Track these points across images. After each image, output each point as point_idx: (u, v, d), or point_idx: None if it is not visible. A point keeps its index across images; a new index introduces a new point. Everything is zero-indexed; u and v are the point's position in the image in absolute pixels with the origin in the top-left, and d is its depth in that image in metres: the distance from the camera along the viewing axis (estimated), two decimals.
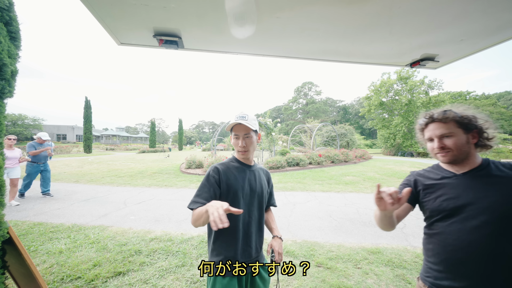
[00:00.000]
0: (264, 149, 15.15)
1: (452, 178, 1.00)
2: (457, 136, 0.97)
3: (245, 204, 1.25)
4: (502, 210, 0.87)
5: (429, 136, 1.04)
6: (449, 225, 0.97)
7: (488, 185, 0.93)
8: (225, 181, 1.22)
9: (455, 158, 0.98)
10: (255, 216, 1.30)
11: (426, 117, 1.06)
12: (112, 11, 1.24)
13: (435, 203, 1.01)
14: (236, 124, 1.24)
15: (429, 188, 1.06)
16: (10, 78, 1.43)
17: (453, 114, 0.98)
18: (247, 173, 1.30)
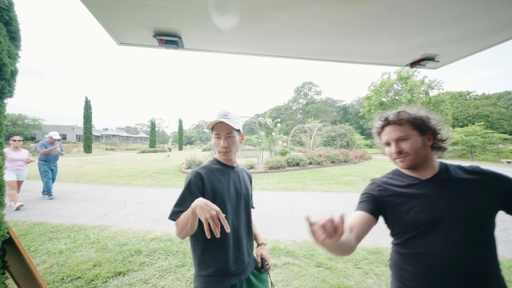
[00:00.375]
0: (264, 149, 15.14)
1: (420, 185, 0.92)
2: (413, 138, 0.92)
3: (232, 208, 1.17)
4: (477, 218, 0.82)
5: (386, 140, 0.97)
6: (430, 242, 0.85)
7: (456, 191, 0.87)
8: (209, 187, 1.12)
9: (413, 163, 0.92)
10: (244, 220, 1.24)
11: (381, 119, 0.99)
12: (112, 11, 1.24)
13: (410, 216, 0.89)
14: (218, 122, 1.17)
15: (398, 198, 0.94)
16: (10, 78, 1.43)
17: (407, 115, 0.93)
18: (231, 175, 1.23)
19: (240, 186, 1.24)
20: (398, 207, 0.93)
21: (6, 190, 1.50)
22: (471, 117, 39.88)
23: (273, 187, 7.43)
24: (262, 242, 1.41)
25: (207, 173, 1.15)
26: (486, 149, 22.84)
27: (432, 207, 0.86)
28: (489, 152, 23.13)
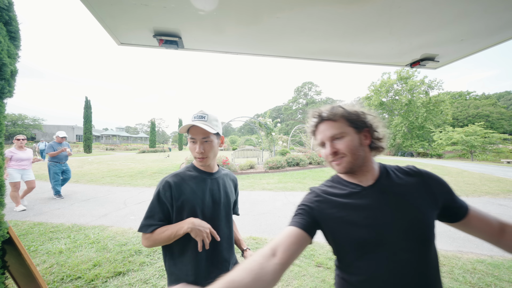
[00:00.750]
0: (264, 149, 15.14)
1: (362, 194, 0.79)
2: (349, 136, 0.79)
3: (207, 219, 1.07)
4: (423, 228, 0.73)
5: (321, 139, 0.84)
6: (379, 264, 0.72)
7: (400, 200, 0.76)
8: (178, 197, 1.03)
9: (351, 166, 0.79)
10: (223, 231, 1.12)
11: (314, 116, 0.86)
12: (112, 11, 1.24)
13: (352, 233, 0.75)
14: (193, 125, 1.06)
15: (339, 210, 0.79)
16: (9, 78, 1.43)
17: (341, 110, 0.81)
18: (208, 183, 1.12)
19: (219, 194, 1.14)
20: (338, 221, 0.78)
21: (6, 190, 1.50)
22: (471, 117, 39.89)
23: (273, 187, 7.43)
24: (247, 248, 1.31)
25: (178, 182, 1.06)
26: (486, 149, 22.85)
27: (377, 220, 0.74)
28: (489, 152, 23.14)
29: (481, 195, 6.35)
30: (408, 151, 27.32)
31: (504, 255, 3.01)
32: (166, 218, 1.04)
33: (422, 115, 26.75)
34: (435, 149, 26.16)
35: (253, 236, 3.66)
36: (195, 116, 1.09)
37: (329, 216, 0.80)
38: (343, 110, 0.81)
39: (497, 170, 11.66)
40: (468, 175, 9.81)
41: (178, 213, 1.04)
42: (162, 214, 1.03)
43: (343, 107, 0.82)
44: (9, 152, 4.78)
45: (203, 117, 1.09)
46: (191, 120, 1.08)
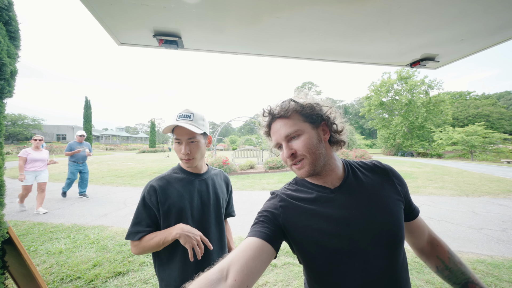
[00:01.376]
0: (264, 149, 15.14)
1: (330, 197, 0.71)
2: (306, 133, 0.69)
3: (197, 222, 1.05)
4: (393, 229, 0.67)
5: (276, 140, 0.73)
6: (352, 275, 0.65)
7: (370, 201, 0.70)
8: (164, 201, 1.00)
9: (313, 167, 0.69)
10: (214, 234, 1.09)
11: (265, 114, 0.76)
12: (111, 11, 1.24)
13: (323, 242, 0.66)
14: (176, 126, 1.01)
15: (306, 217, 0.69)
16: (9, 78, 1.43)
17: (293, 104, 0.71)
18: (196, 184, 1.09)
19: (208, 196, 1.10)
20: (306, 229, 0.68)
21: (5, 190, 1.50)
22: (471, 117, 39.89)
23: (273, 187, 7.43)
24: None
25: (163, 186, 1.02)
26: (486, 149, 22.85)
27: (348, 226, 0.66)
28: (489, 152, 23.14)
29: (481, 195, 6.35)
30: (408, 151, 27.32)
31: (504, 255, 3.01)
32: (153, 224, 1.00)
33: (422, 115, 26.77)
34: (435, 149, 26.17)
35: None
36: (180, 115, 1.04)
37: (296, 224, 0.69)
38: (295, 103, 0.71)
39: (497, 170, 11.67)
40: (468, 175, 9.81)
41: (165, 218, 1.00)
42: (149, 219, 1.00)
43: (295, 100, 0.72)
44: (24, 152, 4.65)
45: (188, 116, 1.03)
46: (176, 119, 1.03)
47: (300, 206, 0.72)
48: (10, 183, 7.78)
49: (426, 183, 7.96)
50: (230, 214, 1.31)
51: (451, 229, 3.78)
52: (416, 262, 2.82)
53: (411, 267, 2.70)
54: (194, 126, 1.02)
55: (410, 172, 10.88)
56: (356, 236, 0.66)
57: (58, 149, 25.18)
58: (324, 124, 0.73)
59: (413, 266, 2.73)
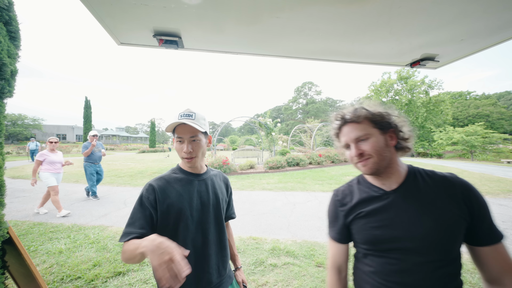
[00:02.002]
0: (264, 149, 15.14)
1: (382, 198, 0.82)
2: (374, 137, 0.79)
3: (196, 222, 1.03)
4: (439, 240, 0.72)
5: (345, 141, 0.85)
6: (386, 262, 0.78)
7: (421, 207, 0.76)
8: (163, 201, 0.98)
9: (377, 167, 0.79)
10: (213, 235, 1.07)
11: (337, 118, 0.88)
12: (111, 11, 1.24)
13: (367, 232, 0.82)
14: (180, 124, 1.01)
15: (360, 212, 0.85)
16: (9, 78, 1.43)
17: (365, 112, 0.81)
18: (195, 185, 1.07)
19: (208, 196, 1.08)
20: (358, 221, 0.85)
21: (6, 190, 1.50)
22: (471, 117, 39.88)
23: (273, 187, 7.43)
24: (239, 266, 1.29)
25: (163, 185, 1.01)
26: (486, 149, 22.84)
27: (391, 225, 0.77)
28: (489, 152, 23.13)
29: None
30: None
31: None
32: (148, 225, 0.96)
33: (422, 115, 26.76)
34: (435, 149, 26.16)
35: (253, 236, 3.66)
36: (182, 114, 1.03)
37: (352, 217, 0.87)
38: (367, 111, 0.81)
39: (497, 170, 11.67)
40: (468, 175, 9.81)
41: (164, 218, 0.98)
42: (144, 220, 0.96)
43: (366, 108, 0.82)
44: (41, 155, 4.57)
45: (190, 115, 1.03)
46: (178, 118, 1.02)
47: (355, 202, 0.87)
48: (10, 183, 7.79)
49: None
50: (230, 216, 1.29)
51: None
52: None
53: None
54: (196, 124, 1.01)
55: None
56: (399, 233, 0.76)
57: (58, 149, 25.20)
58: (392, 131, 0.82)
59: None
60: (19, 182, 8.02)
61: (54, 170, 4.66)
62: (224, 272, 1.11)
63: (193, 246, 1.01)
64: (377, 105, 0.84)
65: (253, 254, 3.03)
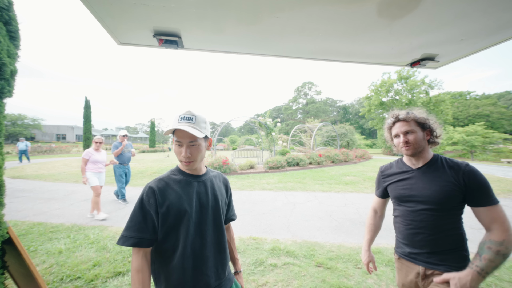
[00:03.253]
0: (264, 149, 15.14)
1: (410, 172, 1.27)
2: (417, 132, 1.20)
3: (195, 224, 1.02)
4: (439, 198, 1.13)
5: (396, 132, 1.26)
6: (405, 208, 1.26)
7: (432, 178, 1.18)
8: (163, 203, 0.98)
9: (415, 151, 1.21)
10: (211, 236, 1.07)
11: (393, 117, 1.29)
12: (111, 10, 1.23)
13: (395, 192, 1.31)
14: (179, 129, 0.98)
15: (393, 179, 1.34)
16: (9, 77, 1.43)
17: (413, 115, 1.23)
18: (195, 186, 1.07)
19: (207, 197, 1.08)
20: (392, 185, 1.34)
21: (5, 190, 1.50)
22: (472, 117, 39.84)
23: (273, 187, 7.43)
24: (238, 270, 1.29)
25: (162, 188, 1.01)
26: (487, 149, 22.82)
27: (411, 187, 1.24)
28: (489, 152, 23.11)
29: None
30: None
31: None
32: (148, 228, 0.97)
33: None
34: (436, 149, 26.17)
35: (253, 236, 3.66)
36: (182, 117, 1.00)
37: (388, 182, 1.37)
38: (415, 115, 1.23)
39: (497, 170, 11.67)
40: None
41: (164, 220, 0.98)
42: (145, 224, 0.96)
43: (414, 113, 1.24)
44: (87, 153, 4.49)
45: (190, 118, 1.00)
46: (177, 121, 1.00)
47: (392, 173, 1.37)
48: (10, 183, 7.79)
49: None
50: (231, 218, 1.28)
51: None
52: None
53: None
54: (196, 129, 1.00)
55: None
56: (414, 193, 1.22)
57: (58, 149, 25.18)
58: (428, 130, 1.23)
59: None
60: (19, 182, 8.03)
61: (97, 169, 4.59)
62: (223, 275, 1.10)
63: (191, 248, 1.01)
64: (422, 112, 1.25)
65: (253, 254, 3.03)
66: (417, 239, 1.21)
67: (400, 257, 1.32)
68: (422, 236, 1.19)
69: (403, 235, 1.28)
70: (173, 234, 1.00)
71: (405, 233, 1.26)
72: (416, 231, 1.21)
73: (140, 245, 0.95)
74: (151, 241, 0.98)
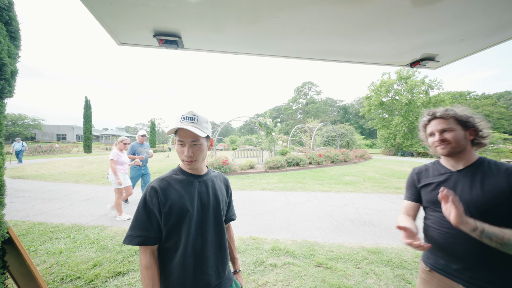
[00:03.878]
0: (264, 149, 15.14)
1: (447, 175, 1.15)
2: (456, 131, 1.09)
3: (196, 223, 1.03)
4: (482, 204, 1.00)
5: (431, 131, 1.16)
6: (441, 215, 1.09)
7: (475, 182, 1.05)
8: (165, 202, 0.99)
9: (452, 151, 1.09)
10: (212, 236, 1.08)
11: (429, 114, 1.19)
12: (112, 11, 1.24)
13: (429, 195, 1.18)
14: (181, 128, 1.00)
15: (426, 183, 1.22)
16: (10, 78, 1.43)
17: (453, 112, 1.11)
18: (196, 186, 1.08)
19: (208, 197, 1.09)
20: (426, 187, 1.21)
21: (6, 190, 1.50)
22: None
23: (273, 187, 7.43)
24: (238, 269, 1.29)
25: (164, 187, 1.02)
26: (486, 149, 22.83)
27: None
28: (489, 152, 23.11)
29: None
30: (408, 151, 27.30)
31: None
32: (152, 227, 0.98)
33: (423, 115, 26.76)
34: None
35: (253, 236, 3.66)
36: (184, 117, 1.02)
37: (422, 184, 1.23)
38: (454, 113, 1.11)
39: None
40: None
41: (166, 219, 0.99)
42: (149, 223, 0.98)
43: (454, 110, 1.12)
44: (115, 155, 4.41)
45: (193, 118, 1.02)
46: (180, 121, 1.01)
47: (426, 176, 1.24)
48: (10, 183, 7.79)
49: None
50: (231, 218, 1.29)
51: None
52: (416, 262, 2.82)
53: (411, 267, 2.70)
54: (198, 129, 1.01)
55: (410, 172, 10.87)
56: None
57: (58, 149, 25.18)
58: (472, 130, 1.10)
59: (413, 266, 2.73)
60: (19, 182, 8.02)
61: (122, 170, 4.51)
62: (223, 274, 1.11)
63: (192, 247, 1.02)
64: (465, 110, 1.13)
65: (253, 254, 3.03)
66: (455, 251, 1.05)
67: (433, 269, 1.16)
68: (461, 248, 1.03)
69: (437, 245, 1.13)
70: (175, 233, 1.01)
71: (440, 243, 1.11)
72: (454, 241, 1.05)
73: (146, 243, 0.97)
74: (156, 239, 1.00)
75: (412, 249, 1.15)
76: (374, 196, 6.34)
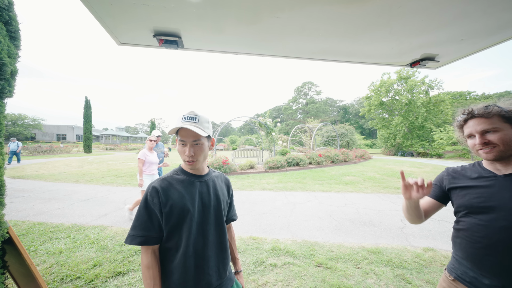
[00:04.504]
0: (264, 149, 15.14)
1: (490, 179, 0.97)
2: (504, 131, 0.91)
3: (197, 223, 1.03)
4: None
5: (469, 132, 1.00)
6: (475, 222, 0.96)
7: None
8: (165, 202, 0.99)
9: (501, 154, 0.92)
10: (213, 236, 1.08)
11: (464, 113, 1.01)
12: (112, 11, 1.24)
13: (463, 199, 1.02)
14: (182, 128, 1.01)
15: (461, 186, 1.06)
16: (9, 77, 1.43)
17: (497, 109, 0.93)
18: (197, 186, 1.08)
19: (209, 197, 1.09)
20: (457, 191, 1.06)
21: (6, 190, 1.50)
22: None
23: (273, 187, 7.43)
24: (239, 270, 1.29)
25: (165, 187, 1.02)
26: None
27: (490, 197, 0.94)
28: None
29: None
30: (408, 151, 27.31)
31: None
32: (154, 227, 0.99)
33: (422, 115, 26.74)
34: (435, 149, 26.14)
35: (253, 236, 3.66)
36: (186, 117, 1.02)
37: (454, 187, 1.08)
38: (499, 109, 0.93)
39: None
40: None
41: (167, 219, 1.00)
42: (151, 223, 0.98)
43: (500, 106, 0.94)
44: (144, 154, 4.24)
45: (194, 118, 1.02)
46: (181, 121, 1.02)
47: (460, 178, 1.08)
48: (10, 183, 7.79)
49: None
50: (232, 218, 1.29)
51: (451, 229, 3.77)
52: (416, 262, 2.82)
53: (411, 267, 2.70)
54: (200, 128, 1.01)
55: (410, 172, 10.89)
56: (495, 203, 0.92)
57: (58, 149, 25.17)
58: None
59: (413, 266, 2.73)
60: (19, 182, 8.02)
61: (150, 171, 4.32)
62: (224, 274, 1.11)
63: (194, 247, 1.02)
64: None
65: (253, 254, 3.03)
66: (487, 263, 0.93)
67: (458, 279, 1.04)
68: (494, 261, 0.91)
69: (467, 254, 1.00)
70: (176, 234, 1.01)
71: (470, 252, 0.98)
72: (487, 251, 0.92)
73: (147, 243, 0.98)
74: (157, 238, 1.00)
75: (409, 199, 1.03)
76: (374, 196, 6.34)
